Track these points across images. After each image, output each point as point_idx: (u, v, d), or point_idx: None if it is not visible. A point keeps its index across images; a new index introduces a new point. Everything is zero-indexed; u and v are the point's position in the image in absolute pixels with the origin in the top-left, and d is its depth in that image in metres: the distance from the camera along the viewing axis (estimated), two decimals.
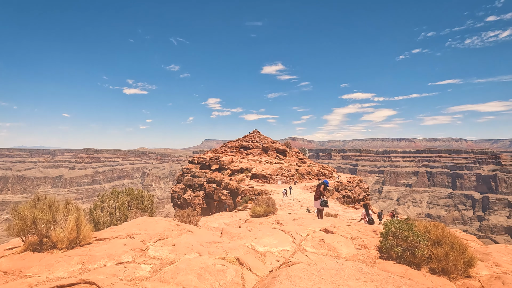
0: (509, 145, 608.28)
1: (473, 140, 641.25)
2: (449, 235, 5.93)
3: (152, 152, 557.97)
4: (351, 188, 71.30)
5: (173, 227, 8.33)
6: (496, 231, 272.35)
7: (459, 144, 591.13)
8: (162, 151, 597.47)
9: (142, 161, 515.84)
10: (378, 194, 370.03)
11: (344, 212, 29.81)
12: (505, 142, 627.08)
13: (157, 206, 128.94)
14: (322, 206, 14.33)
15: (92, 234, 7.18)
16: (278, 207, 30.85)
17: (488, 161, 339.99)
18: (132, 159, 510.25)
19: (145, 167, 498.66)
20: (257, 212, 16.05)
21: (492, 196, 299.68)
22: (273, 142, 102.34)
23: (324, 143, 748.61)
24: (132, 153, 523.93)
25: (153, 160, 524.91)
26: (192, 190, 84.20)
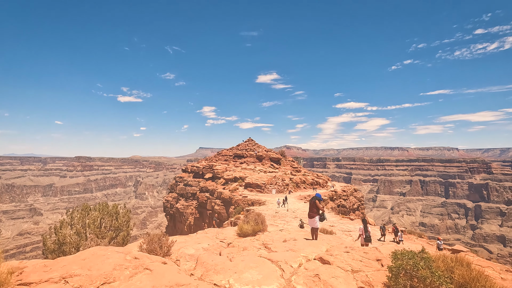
0: (500, 154, 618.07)
1: (465, 149, 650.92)
2: (479, 276, 4.57)
3: (146, 160, 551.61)
4: (346, 197, 70.41)
5: (127, 264, 6.40)
6: (489, 240, 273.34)
7: (451, 153, 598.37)
8: (156, 159, 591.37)
9: (136, 169, 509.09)
10: (373, 203, 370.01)
11: (340, 224, 28.87)
12: (496, 151, 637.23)
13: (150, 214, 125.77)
14: (321, 220, 13.31)
15: (11, 278, 5.21)
16: (271, 218, 29.70)
17: (480, 170, 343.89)
18: (126, 167, 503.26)
19: (138, 175, 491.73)
20: (244, 231, 14.34)
21: (485, 205, 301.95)
22: (268, 150, 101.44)
23: (319, 152, 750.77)
24: (126, 161, 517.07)
25: (147, 169, 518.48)
26: (185, 199, 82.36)
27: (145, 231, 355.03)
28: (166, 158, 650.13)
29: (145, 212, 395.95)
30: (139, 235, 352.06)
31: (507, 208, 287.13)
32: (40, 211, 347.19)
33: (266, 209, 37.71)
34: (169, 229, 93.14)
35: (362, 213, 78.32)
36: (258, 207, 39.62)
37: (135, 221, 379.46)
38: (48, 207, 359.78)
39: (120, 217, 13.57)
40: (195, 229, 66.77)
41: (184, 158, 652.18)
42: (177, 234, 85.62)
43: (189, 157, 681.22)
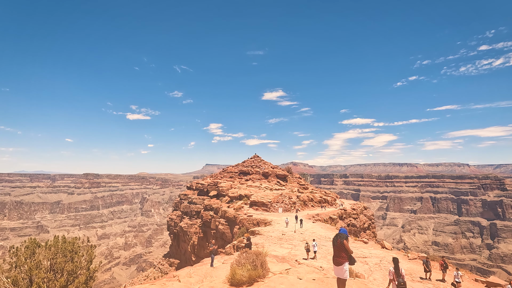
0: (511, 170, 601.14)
1: (476, 165, 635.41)
2: None
3: (153, 177, 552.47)
4: (356, 216, 67.98)
5: None
6: (507, 260, 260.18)
7: (462, 169, 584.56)
8: (163, 176, 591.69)
9: (142, 186, 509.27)
10: (382, 220, 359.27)
11: (353, 248, 27.04)
12: (508, 167, 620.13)
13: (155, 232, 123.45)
14: (350, 264, 10.51)
15: None
16: (277, 242, 28.16)
17: (493, 186, 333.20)
18: (132, 184, 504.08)
19: (145, 192, 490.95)
20: (238, 278, 10.97)
21: (500, 223, 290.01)
22: (274, 167, 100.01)
23: (326, 168, 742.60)
24: (132, 178, 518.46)
25: (153, 185, 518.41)
26: (189, 218, 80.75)
27: (150, 250, 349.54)
28: (173, 175, 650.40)
29: (151, 229, 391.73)
30: (144, 253, 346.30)
31: None
32: (47, 228, 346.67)
33: (272, 230, 36.06)
34: (172, 248, 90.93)
35: (370, 228, 75.24)
36: (264, 227, 37.99)
37: (140, 239, 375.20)
38: (54, 224, 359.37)
39: (78, 256, 10.78)
40: (199, 250, 64.71)
41: (190, 175, 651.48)
42: (180, 254, 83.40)
43: (196, 173, 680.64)
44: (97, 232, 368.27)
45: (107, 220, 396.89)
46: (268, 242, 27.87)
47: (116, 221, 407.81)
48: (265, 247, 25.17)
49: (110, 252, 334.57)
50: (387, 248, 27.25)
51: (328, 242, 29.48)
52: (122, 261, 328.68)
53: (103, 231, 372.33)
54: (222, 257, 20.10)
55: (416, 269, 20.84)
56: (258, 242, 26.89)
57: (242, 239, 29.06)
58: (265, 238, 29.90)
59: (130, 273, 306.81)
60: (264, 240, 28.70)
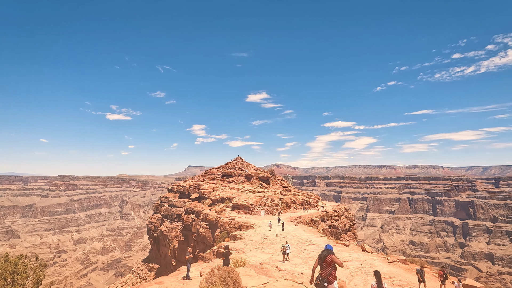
0: (482, 171, 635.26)
1: (450, 167, 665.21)
2: None
3: (133, 179, 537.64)
4: (337, 217, 68.77)
5: None
6: (478, 258, 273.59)
7: (437, 171, 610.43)
8: (144, 178, 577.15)
9: (122, 188, 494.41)
10: (363, 221, 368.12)
11: (334, 251, 26.97)
12: (479, 169, 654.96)
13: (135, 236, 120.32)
14: None
15: None
16: (258, 246, 27.67)
17: (465, 187, 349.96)
18: (111, 186, 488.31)
19: (124, 194, 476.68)
20: None
21: (472, 222, 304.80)
22: (257, 169, 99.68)
23: (308, 170, 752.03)
24: (112, 180, 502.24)
25: (134, 188, 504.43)
26: (170, 221, 78.75)
27: (129, 254, 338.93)
28: (154, 176, 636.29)
29: (131, 233, 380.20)
30: (123, 258, 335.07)
31: (493, 226, 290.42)
32: (18, 233, 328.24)
33: (254, 233, 35.55)
34: (152, 253, 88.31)
35: (351, 229, 76.41)
36: (245, 231, 37.40)
37: (119, 243, 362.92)
38: (26, 229, 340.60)
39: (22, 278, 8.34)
40: (180, 254, 63.12)
41: (172, 177, 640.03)
42: (161, 258, 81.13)
43: (178, 175, 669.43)
44: (73, 236, 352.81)
45: (84, 224, 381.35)
46: (249, 247, 27.33)
47: (93, 225, 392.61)
48: (246, 252, 24.61)
49: (86, 257, 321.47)
50: (367, 251, 27.45)
51: (309, 245, 29.34)
52: (100, 266, 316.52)
53: (79, 236, 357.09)
54: (200, 265, 19.29)
55: (396, 272, 20.93)
56: (239, 247, 26.30)
57: (223, 243, 28.36)
58: (246, 242, 29.35)
59: (108, 278, 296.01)
60: (245, 245, 28.14)
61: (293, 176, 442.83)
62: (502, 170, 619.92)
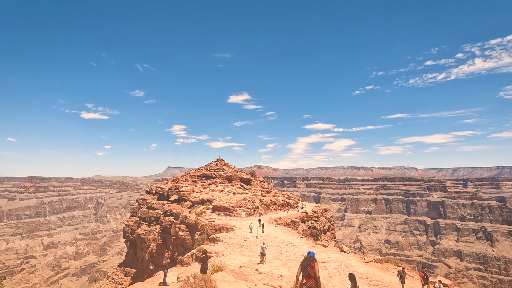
0: (452, 173, 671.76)
1: (422, 168, 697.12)
2: None
3: (109, 180, 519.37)
4: (317, 218, 69.82)
5: None
6: (448, 255, 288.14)
7: (411, 172, 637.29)
8: (121, 179, 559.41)
9: (97, 190, 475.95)
10: (341, 221, 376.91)
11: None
12: (449, 170, 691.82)
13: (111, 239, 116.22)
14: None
15: None
16: (238, 249, 27.46)
17: (436, 188, 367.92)
18: (86, 188, 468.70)
19: (100, 196, 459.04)
20: None
21: (442, 221, 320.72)
22: (238, 170, 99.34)
23: (289, 171, 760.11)
24: (86, 182, 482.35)
25: (110, 189, 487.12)
26: (148, 224, 76.59)
27: (104, 258, 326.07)
28: (132, 178, 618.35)
29: (106, 236, 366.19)
30: (97, 263, 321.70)
31: (461, 224, 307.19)
32: None
33: (234, 235, 35.26)
34: (129, 257, 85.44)
35: (330, 230, 77.94)
36: (226, 233, 37.02)
37: (94, 247, 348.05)
38: None
39: None
40: (157, 258, 61.48)
41: (151, 178, 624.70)
42: (137, 262, 78.66)
43: (157, 177, 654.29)
44: (43, 241, 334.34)
45: (56, 227, 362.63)
46: (228, 249, 27.05)
47: (66, 229, 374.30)
48: (225, 256, 24.33)
49: (58, 262, 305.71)
50: (345, 252, 28.03)
51: (289, 247, 29.51)
52: (72, 272, 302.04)
53: (50, 240, 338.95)
54: (178, 269, 18.71)
55: (372, 272, 21.46)
56: (219, 250, 25.94)
57: (202, 246, 27.84)
58: (226, 245, 29.03)
59: (81, 284, 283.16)
60: (225, 247, 27.81)
61: (274, 177, 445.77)
62: (470, 172, 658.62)
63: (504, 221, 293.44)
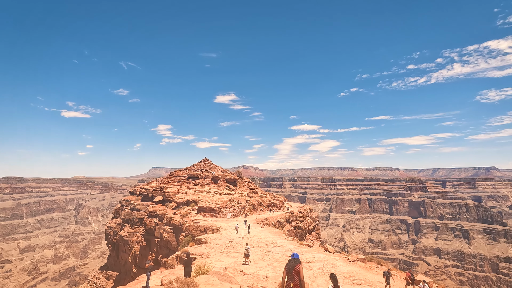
0: (431, 173, 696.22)
1: (404, 169, 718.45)
2: None
3: (91, 181, 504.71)
4: (302, 218, 70.45)
5: None
6: (427, 253, 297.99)
7: (393, 173, 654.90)
8: (103, 179, 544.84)
9: (78, 191, 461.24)
10: (326, 221, 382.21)
11: (298, 253, 27.38)
12: (428, 171, 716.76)
13: (92, 242, 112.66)
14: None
15: None
16: (223, 250, 27.28)
17: (417, 188, 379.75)
18: (66, 189, 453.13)
19: (81, 197, 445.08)
20: None
21: (422, 220, 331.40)
22: (224, 171, 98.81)
23: (275, 172, 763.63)
24: (66, 182, 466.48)
25: (92, 190, 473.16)
26: (131, 226, 74.85)
27: (85, 262, 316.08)
28: (115, 178, 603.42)
29: (87, 239, 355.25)
30: (78, 266, 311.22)
31: (440, 223, 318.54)
32: None
33: (220, 237, 35.00)
34: (111, 259, 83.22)
35: (315, 230, 78.87)
36: (211, 235, 36.71)
37: (74, 250, 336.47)
38: None
39: None
40: (141, 260, 60.23)
41: (135, 179, 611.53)
42: (120, 265, 76.74)
43: (141, 177, 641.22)
44: (19, 244, 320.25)
45: (33, 230, 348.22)
46: (214, 251, 26.82)
47: (44, 231, 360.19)
48: (211, 257, 24.10)
49: (35, 267, 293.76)
50: (330, 252, 28.42)
51: (275, 247, 29.60)
52: (51, 276, 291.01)
53: (27, 243, 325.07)
54: (161, 272, 18.32)
55: (356, 271, 21.85)
56: (204, 252, 25.66)
57: (187, 248, 27.45)
58: (211, 246, 28.77)
59: None
60: (210, 249, 27.55)
61: (260, 178, 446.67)
62: (448, 172, 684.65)
63: (480, 219, 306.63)
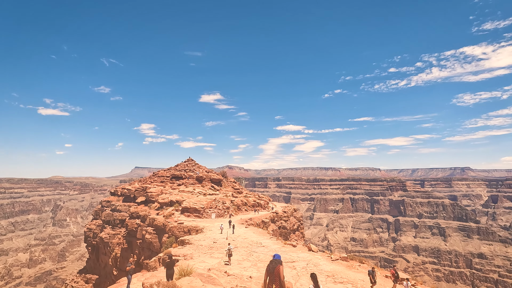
0: (411, 173, 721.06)
1: (385, 169, 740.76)
2: None
3: (70, 181, 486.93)
4: (287, 218, 70.96)
5: None
6: (407, 250, 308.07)
7: (375, 173, 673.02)
8: (83, 180, 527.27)
9: (56, 191, 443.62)
10: (310, 220, 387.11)
11: (282, 252, 27.55)
12: (408, 171, 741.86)
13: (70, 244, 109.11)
14: None
15: None
16: (207, 251, 27.02)
17: (397, 188, 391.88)
18: (42, 189, 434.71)
19: (59, 198, 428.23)
20: None
21: (402, 219, 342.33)
22: (208, 171, 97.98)
23: (260, 172, 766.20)
24: (43, 183, 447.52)
25: (70, 191, 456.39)
26: (112, 227, 72.78)
27: (63, 265, 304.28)
28: (95, 178, 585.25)
29: (65, 241, 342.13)
30: (55, 270, 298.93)
31: (419, 221, 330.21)
32: None
33: (204, 237, 34.66)
34: (90, 262, 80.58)
35: (299, 229, 79.71)
36: (195, 235, 36.28)
37: (51, 253, 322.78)
38: None
39: None
40: (122, 263, 58.70)
41: (116, 179, 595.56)
42: (100, 268, 74.47)
43: (123, 177, 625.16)
44: None
45: (6, 233, 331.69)
46: (197, 252, 26.51)
47: (18, 234, 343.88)
48: (194, 258, 23.80)
49: (8, 271, 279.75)
50: (313, 251, 28.80)
51: (259, 248, 29.65)
52: (25, 281, 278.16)
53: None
54: (143, 275, 17.85)
55: (338, 269, 22.23)
56: (187, 253, 25.31)
57: (170, 250, 26.95)
58: (195, 247, 28.43)
59: None
60: (194, 250, 27.21)
61: (246, 178, 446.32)
62: (427, 172, 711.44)
63: (455, 217, 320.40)
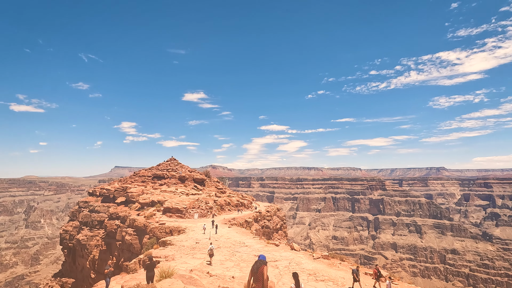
0: (390, 173, 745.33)
1: (366, 169, 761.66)
2: None
3: (44, 181, 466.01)
4: (270, 217, 71.30)
5: None
6: (385, 247, 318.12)
7: (356, 172, 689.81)
8: (59, 179, 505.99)
9: (29, 192, 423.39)
10: (293, 220, 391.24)
11: (265, 252, 27.67)
12: (387, 171, 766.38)
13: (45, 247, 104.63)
14: None
15: None
16: (189, 252, 26.67)
17: (377, 187, 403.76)
18: (14, 189, 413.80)
19: (32, 199, 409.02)
20: None
21: (381, 217, 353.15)
22: (191, 171, 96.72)
23: (244, 171, 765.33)
24: (15, 183, 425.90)
25: (45, 191, 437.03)
26: (90, 229, 70.31)
27: (36, 269, 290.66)
28: (72, 178, 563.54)
29: (39, 244, 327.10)
30: (27, 274, 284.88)
31: (397, 219, 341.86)
32: None
33: (186, 238, 34.17)
34: (66, 265, 77.44)
35: (282, 228, 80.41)
36: (177, 236, 35.69)
37: (23, 256, 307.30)
38: None
39: None
40: (100, 265, 56.84)
41: (95, 179, 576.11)
42: (77, 271, 71.75)
43: (102, 177, 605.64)
44: None
45: None
46: (179, 253, 26.09)
47: None
48: (176, 259, 23.40)
49: None
50: (296, 250, 29.11)
51: (242, 247, 29.60)
52: None
53: None
54: (122, 277, 17.32)
55: (320, 268, 22.60)
56: (169, 254, 24.85)
57: (150, 251, 26.34)
58: (177, 248, 27.97)
59: None
60: (176, 251, 26.77)
61: (229, 177, 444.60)
62: (405, 172, 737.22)
63: (431, 215, 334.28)
